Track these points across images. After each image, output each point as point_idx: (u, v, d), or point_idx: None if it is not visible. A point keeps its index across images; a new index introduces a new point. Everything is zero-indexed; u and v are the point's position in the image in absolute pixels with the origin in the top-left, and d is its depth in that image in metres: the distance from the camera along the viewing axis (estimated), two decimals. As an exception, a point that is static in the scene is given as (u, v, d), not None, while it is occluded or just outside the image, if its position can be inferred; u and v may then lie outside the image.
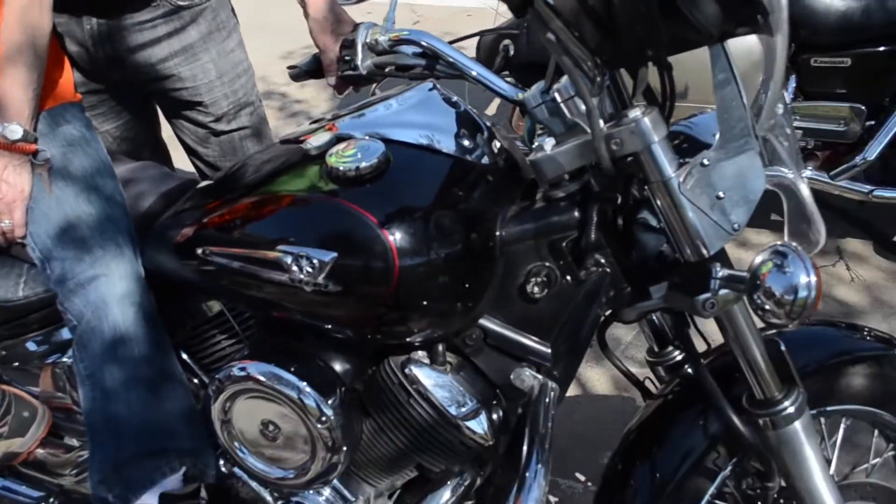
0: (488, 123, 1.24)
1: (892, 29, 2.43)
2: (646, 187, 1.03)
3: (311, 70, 1.51)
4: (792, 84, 2.59)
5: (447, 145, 1.16)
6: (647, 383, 1.40)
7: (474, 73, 1.20)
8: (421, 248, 1.05)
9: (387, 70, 1.33)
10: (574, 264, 1.14)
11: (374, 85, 1.42)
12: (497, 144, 1.22)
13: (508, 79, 1.22)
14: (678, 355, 1.35)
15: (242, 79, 1.72)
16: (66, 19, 1.54)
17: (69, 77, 1.48)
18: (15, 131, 1.29)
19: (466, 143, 1.17)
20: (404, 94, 1.23)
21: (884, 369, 1.26)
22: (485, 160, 1.18)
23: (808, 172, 2.51)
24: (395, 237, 1.04)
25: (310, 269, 1.05)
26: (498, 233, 1.13)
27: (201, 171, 1.83)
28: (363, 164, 1.07)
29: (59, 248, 1.31)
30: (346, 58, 1.34)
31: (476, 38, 2.29)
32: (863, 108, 2.54)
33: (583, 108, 0.98)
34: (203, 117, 1.71)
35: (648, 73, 0.99)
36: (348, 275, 1.06)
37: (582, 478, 2.01)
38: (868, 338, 1.31)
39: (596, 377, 2.33)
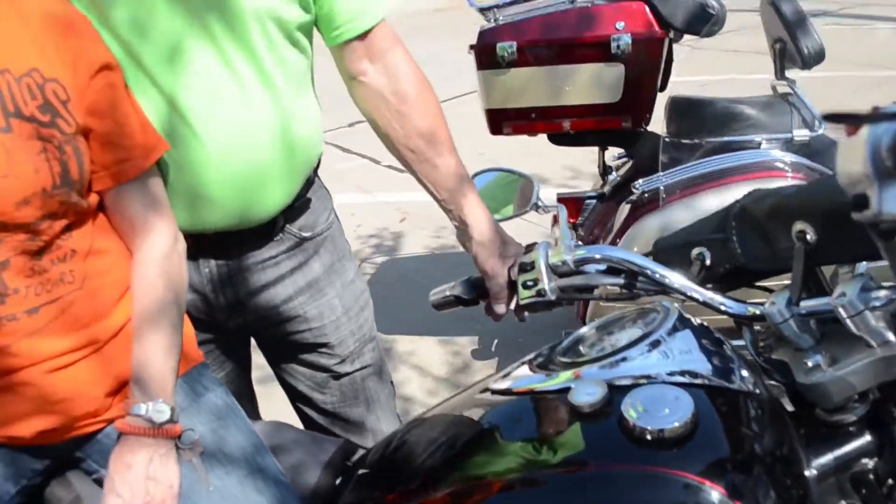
0: (732, 343, 1.06)
1: None
2: None
3: (468, 297, 1.31)
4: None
5: (729, 379, 0.97)
6: None
7: (685, 290, 1.04)
8: None
9: (572, 293, 1.18)
10: (883, 497, 0.95)
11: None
12: (749, 367, 1.04)
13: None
14: None
15: (366, 312, 1.51)
16: None
17: (191, 333, 1.24)
18: (162, 411, 1.04)
19: (742, 373, 1.00)
20: (662, 327, 1.03)
21: None
22: (757, 389, 0.99)
23: None
24: None
25: None
26: (807, 472, 0.93)
27: (310, 419, 1.55)
28: (676, 423, 0.85)
29: None
30: (529, 283, 1.18)
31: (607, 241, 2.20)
32: None
33: (873, 322, 0.86)
34: (326, 360, 1.46)
35: None
36: None
37: None
38: None
39: None
